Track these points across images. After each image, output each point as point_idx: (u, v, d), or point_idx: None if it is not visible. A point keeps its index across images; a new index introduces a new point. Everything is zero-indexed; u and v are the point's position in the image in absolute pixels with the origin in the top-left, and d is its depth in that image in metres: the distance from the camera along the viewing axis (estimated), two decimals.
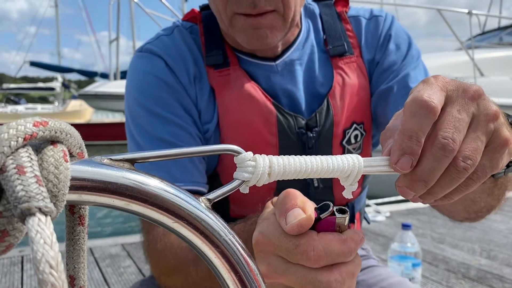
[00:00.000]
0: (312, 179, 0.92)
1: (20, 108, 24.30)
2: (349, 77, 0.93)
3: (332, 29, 0.96)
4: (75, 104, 22.87)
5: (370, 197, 4.44)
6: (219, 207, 0.90)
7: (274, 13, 0.81)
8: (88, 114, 21.96)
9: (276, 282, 0.44)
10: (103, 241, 3.39)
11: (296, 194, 0.44)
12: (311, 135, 0.89)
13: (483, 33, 9.11)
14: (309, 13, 1.00)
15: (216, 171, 0.93)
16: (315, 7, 1.00)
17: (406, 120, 0.42)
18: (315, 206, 0.43)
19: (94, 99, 9.23)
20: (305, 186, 0.92)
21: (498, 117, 0.44)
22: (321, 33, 0.97)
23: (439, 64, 6.60)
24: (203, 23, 0.94)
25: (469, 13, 5.60)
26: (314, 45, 0.96)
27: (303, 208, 0.42)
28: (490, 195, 0.65)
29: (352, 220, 1.03)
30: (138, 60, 0.92)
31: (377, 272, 1.02)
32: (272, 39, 0.84)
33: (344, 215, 0.42)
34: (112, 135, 17.25)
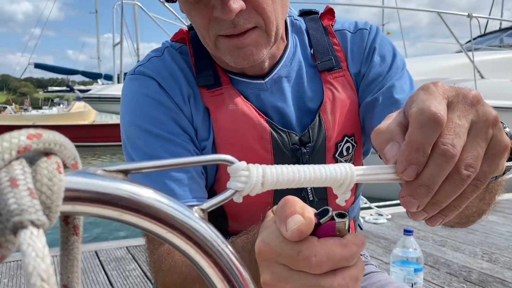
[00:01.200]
0: (307, 193, 0.94)
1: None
2: (339, 92, 0.94)
3: (320, 44, 0.97)
4: (79, 106, 22.97)
5: (371, 199, 4.43)
6: (217, 224, 0.92)
7: (256, 29, 0.82)
8: (92, 116, 22.05)
9: None
10: (108, 244, 3.41)
11: (295, 201, 0.44)
12: (304, 150, 0.91)
13: (484, 34, 9.08)
14: (296, 29, 1.00)
15: (214, 189, 0.95)
16: (302, 22, 1.01)
17: (414, 131, 0.42)
18: (315, 211, 0.43)
19: (98, 102, 9.24)
20: (301, 199, 0.94)
21: (497, 123, 0.45)
22: (309, 48, 0.98)
23: (440, 67, 6.59)
24: (192, 44, 0.95)
25: (469, 16, 5.61)
26: (301, 61, 0.97)
27: (303, 214, 0.42)
28: (481, 200, 0.65)
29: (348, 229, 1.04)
30: (131, 82, 0.93)
31: (376, 279, 1.03)
32: (258, 55, 0.84)
33: (343, 219, 0.42)
34: (116, 136, 17.25)
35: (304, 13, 1.04)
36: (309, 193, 0.93)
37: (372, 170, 0.43)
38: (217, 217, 0.94)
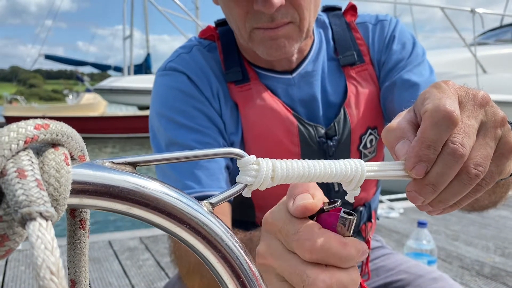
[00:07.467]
0: (332, 183, 0.94)
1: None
2: (362, 86, 0.96)
3: (342, 40, 0.99)
4: (89, 97, 23.10)
5: (383, 193, 4.41)
6: (245, 215, 0.93)
7: (290, 24, 0.85)
8: (102, 107, 22.17)
9: (269, 266, 0.42)
10: (122, 234, 3.45)
11: (312, 184, 0.42)
12: (331, 143, 0.93)
13: (494, 29, 8.87)
14: (320, 24, 1.03)
15: None
16: (325, 18, 1.04)
17: (427, 128, 0.42)
18: (327, 201, 0.41)
19: (109, 93, 9.34)
20: (327, 190, 0.96)
21: (506, 123, 0.45)
22: (332, 42, 1.00)
23: (443, 61, 6.49)
24: (220, 41, 0.97)
25: (472, 11, 5.63)
26: (326, 55, 0.99)
27: (313, 195, 0.40)
28: (492, 194, 0.65)
29: (369, 219, 1.06)
30: (162, 78, 0.96)
31: (393, 258, 1.08)
32: (290, 48, 0.87)
33: (349, 217, 0.39)
34: (126, 128, 17.41)
35: (327, 9, 1.07)
36: (334, 184, 0.95)
37: (383, 166, 0.43)
38: (245, 209, 0.96)
